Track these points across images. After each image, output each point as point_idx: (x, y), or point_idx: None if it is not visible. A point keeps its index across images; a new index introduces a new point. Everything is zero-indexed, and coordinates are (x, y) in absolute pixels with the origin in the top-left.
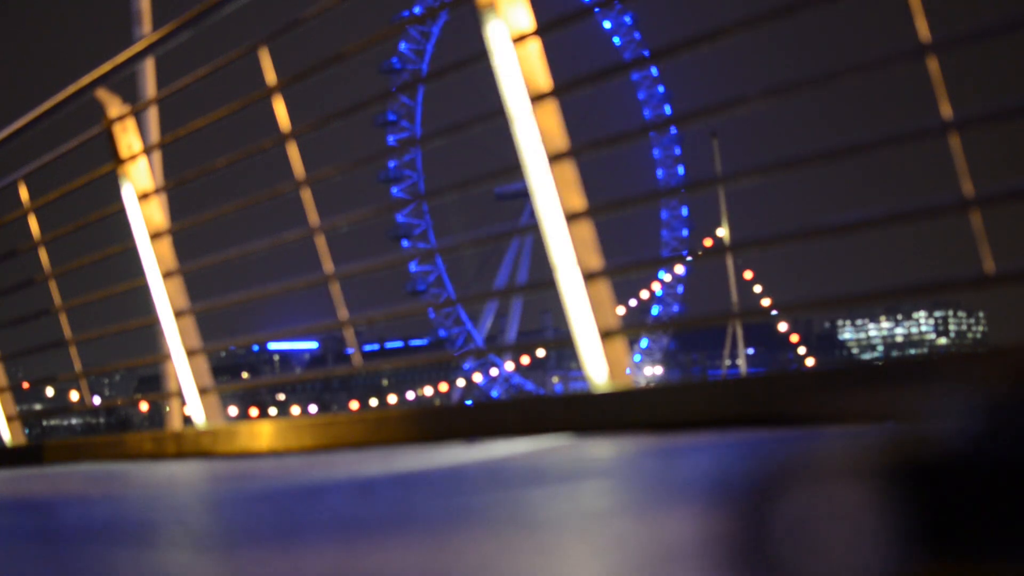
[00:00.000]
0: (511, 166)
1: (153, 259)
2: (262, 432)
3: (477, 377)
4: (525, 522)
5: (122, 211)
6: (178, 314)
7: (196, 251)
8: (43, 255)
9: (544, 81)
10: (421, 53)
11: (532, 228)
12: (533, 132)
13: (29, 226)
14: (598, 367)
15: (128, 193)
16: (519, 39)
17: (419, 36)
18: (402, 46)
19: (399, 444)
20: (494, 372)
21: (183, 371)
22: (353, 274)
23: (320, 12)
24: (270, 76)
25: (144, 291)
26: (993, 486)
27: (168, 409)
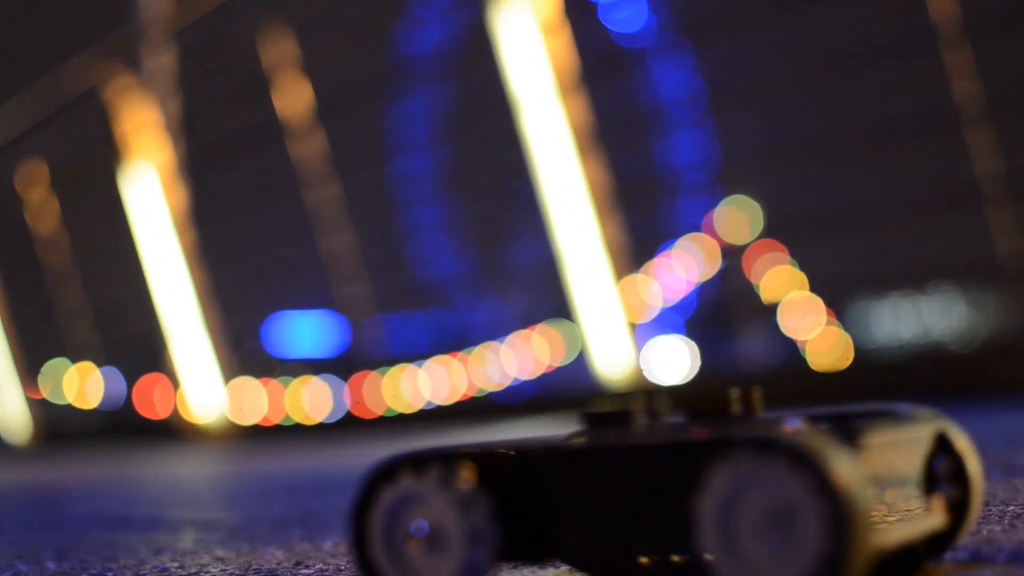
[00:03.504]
0: (535, 157)
1: (170, 245)
2: (276, 423)
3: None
4: None
5: (137, 198)
6: (199, 301)
7: (213, 237)
8: (59, 241)
9: (570, 69)
10: (444, 40)
11: (554, 219)
12: (559, 121)
13: (44, 213)
14: (611, 358)
15: (144, 179)
16: (545, 28)
17: (441, 25)
18: (423, 36)
19: (418, 432)
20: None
21: (200, 359)
22: (367, 266)
23: None
24: (289, 64)
25: (160, 279)
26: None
27: (183, 398)
